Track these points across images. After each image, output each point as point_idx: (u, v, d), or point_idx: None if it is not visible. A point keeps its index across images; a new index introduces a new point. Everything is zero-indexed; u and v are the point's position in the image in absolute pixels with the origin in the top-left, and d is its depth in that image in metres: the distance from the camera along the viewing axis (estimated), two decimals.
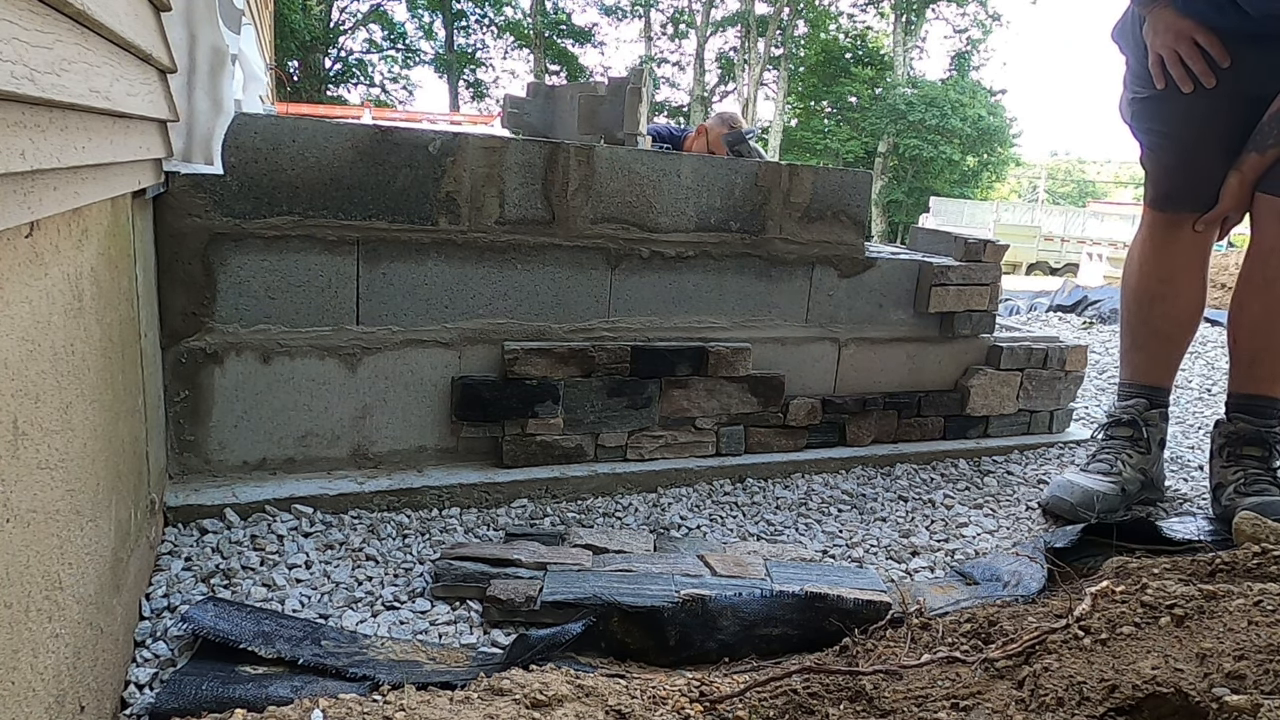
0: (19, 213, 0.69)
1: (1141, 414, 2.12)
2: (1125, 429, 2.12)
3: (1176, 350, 2.16)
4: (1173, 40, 1.86)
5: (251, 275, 1.71)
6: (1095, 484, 2.01)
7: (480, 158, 1.84)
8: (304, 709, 1.01)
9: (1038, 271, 18.83)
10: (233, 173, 1.63)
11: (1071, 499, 1.98)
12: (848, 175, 2.26)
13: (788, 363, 2.25)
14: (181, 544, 1.53)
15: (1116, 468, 2.05)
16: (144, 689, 1.14)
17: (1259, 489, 1.88)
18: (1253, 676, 0.88)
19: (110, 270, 1.14)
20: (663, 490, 2.05)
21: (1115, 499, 1.99)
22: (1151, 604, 1.06)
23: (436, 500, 1.83)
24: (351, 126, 1.78)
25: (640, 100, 3.09)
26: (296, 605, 1.39)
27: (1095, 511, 1.95)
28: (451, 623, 1.41)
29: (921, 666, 1.10)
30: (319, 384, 1.80)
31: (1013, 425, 2.56)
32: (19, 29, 0.64)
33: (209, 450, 1.74)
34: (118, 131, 0.98)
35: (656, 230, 2.04)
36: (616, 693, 1.09)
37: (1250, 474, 1.92)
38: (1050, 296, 5.51)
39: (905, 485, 2.22)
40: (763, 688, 1.12)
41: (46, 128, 0.73)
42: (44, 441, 0.81)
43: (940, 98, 25.35)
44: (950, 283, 2.38)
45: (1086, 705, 0.90)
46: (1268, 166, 1.86)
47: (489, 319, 1.92)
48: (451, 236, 1.85)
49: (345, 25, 25.90)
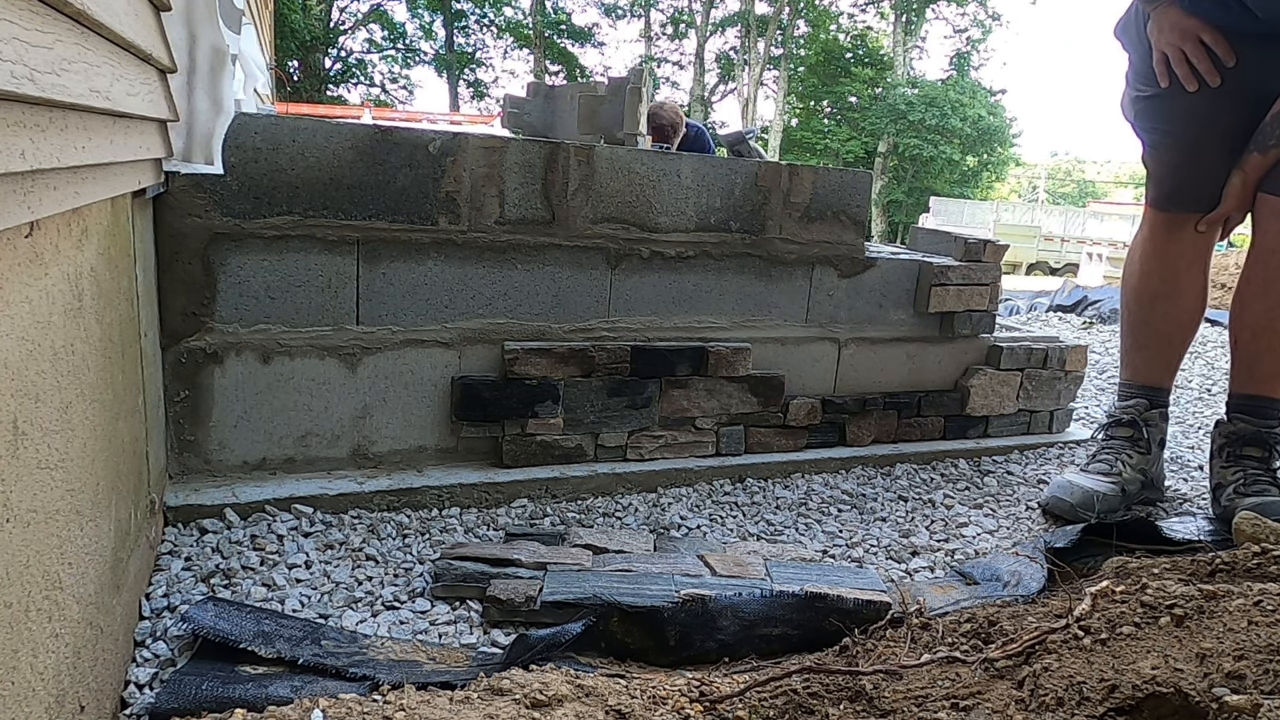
0: (19, 213, 0.69)
1: (1142, 414, 2.12)
2: (1125, 429, 2.12)
3: (1177, 350, 2.15)
4: (1178, 39, 1.85)
5: (251, 275, 1.71)
6: (1095, 484, 2.00)
7: (480, 158, 1.84)
8: (304, 709, 1.01)
9: (1038, 271, 18.83)
10: (233, 172, 1.63)
11: (1071, 499, 1.98)
12: (848, 175, 2.26)
13: (788, 363, 2.25)
14: (181, 544, 1.53)
15: (1117, 468, 2.05)
16: (144, 689, 1.14)
17: (1259, 489, 1.88)
18: (1253, 676, 0.88)
19: (110, 270, 1.14)
20: (663, 490, 2.05)
21: (1115, 499, 1.99)
22: (1151, 604, 1.06)
23: (436, 500, 1.83)
24: (351, 126, 1.78)
25: (640, 100, 3.10)
26: (296, 605, 1.39)
27: (1095, 512, 1.94)
28: (451, 623, 1.41)
29: (921, 666, 1.10)
30: (319, 384, 1.80)
31: (1013, 425, 2.56)
32: (19, 29, 0.64)
33: (209, 450, 1.74)
34: (118, 131, 0.98)
35: (656, 230, 2.04)
36: (616, 693, 1.09)
37: (1250, 474, 1.92)
38: (1050, 296, 5.51)
39: (905, 485, 2.22)
40: (763, 687, 1.12)
41: (46, 128, 0.73)
42: (44, 441, 0.81)
43: (940, 98, 25.35)
44: (950, 283, 2.38)
45: (1086, 705, 0.90)
46: (1269, 166, 1.86)
47: (489, 319, 1.92)
48: (451, 236, 1.85)
49: (345, 25, 25.90)
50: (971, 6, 28.20)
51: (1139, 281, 2.14)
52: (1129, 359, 2.20)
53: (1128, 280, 2.18)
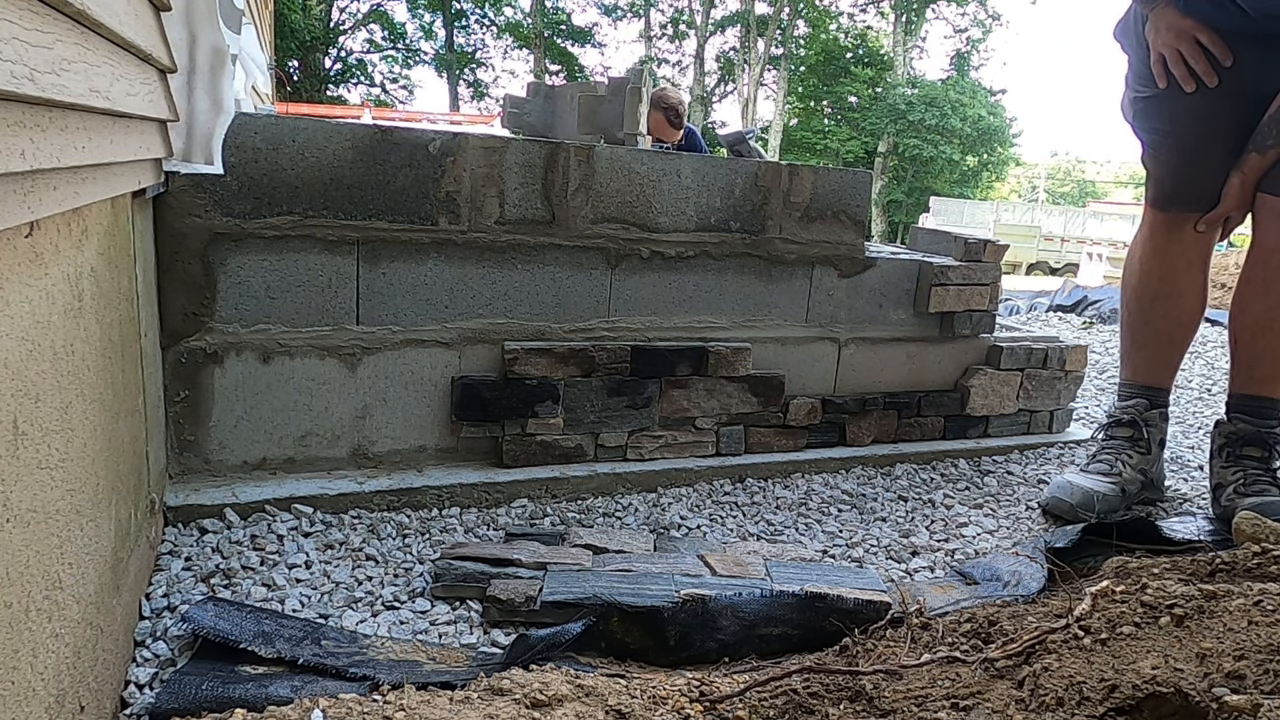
0: (19, 213, 0.69)
1: (1142, 414, 2.12)
2: (1125, 429, 2.12)
3: (1177, 350, 2.15)
4: (1175, 39, 1.85)
5: (251, 275, 1.71)
6: (1095, 484, 2.00)
7: (480, 158, 1.84)
8: (304, 709, 1.01)
9: (1038, 271, 18.83)
10: (233, 172, 1.63)
11: (1071, 500, 1.98)
12: (848, 175, 2.26)
13: (788, 362, 2.25)
14: (181, 544, 1.53)
15: (1116, 468, 2.05)
16: (144, 689, 1.14)
17: (1259, 489, 1.88)
18: (1253, 676, 0.88)
19: (110, 270, 1.14)
20: (663, 490, 2.05)
21: (1115, 499, 1.99)
22: (1151, 604, 1.06)
23: (436, 500, 1.83)
24: (351, 126, 1.78)
25: (640, 100, 3.10)
26: (296, 605, 1.39)
27: (1095, 512, 1.95)
28: (451, 623, 1.41)
29: (921, 666, 1.10)
30: (319, 384, 1.80)
31: (1013, 425, 2.56)
32: (19, 29, 0.64)
33: (209, 450, 1.74)
34: (118, 131, 0.98)
35: (656, 230, 2.04)
36: (616, 692, 1.09)
37: (1250, 474, 1.92)
38: (1050, 296, 5.51)
39: (905, 485, 2.22)
40: (763, 687, 1.12)
41: (46, 127, 0.73)
42: (44, 441, 0.81)
43: (940, 98, 25.34)
44: (950, 283, 2.38)
45: (1086, 705, 0.90)
46: (1269, 166, 1.86)
47: (489, 319, 1.92)
48: (451, 236, 1.85)
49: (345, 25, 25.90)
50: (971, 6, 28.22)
51: (1139, 281, 2.14)
52: (1129, 359, 2.20)
53: (1128, 280, 2.18)
